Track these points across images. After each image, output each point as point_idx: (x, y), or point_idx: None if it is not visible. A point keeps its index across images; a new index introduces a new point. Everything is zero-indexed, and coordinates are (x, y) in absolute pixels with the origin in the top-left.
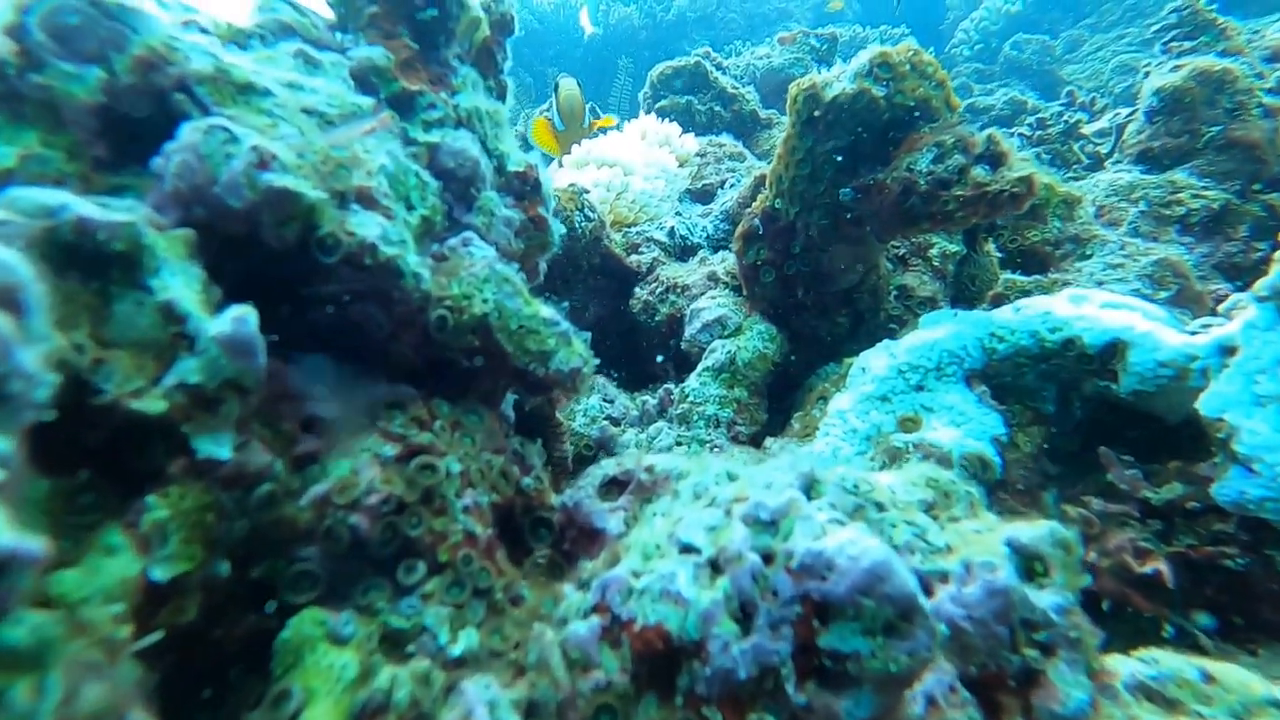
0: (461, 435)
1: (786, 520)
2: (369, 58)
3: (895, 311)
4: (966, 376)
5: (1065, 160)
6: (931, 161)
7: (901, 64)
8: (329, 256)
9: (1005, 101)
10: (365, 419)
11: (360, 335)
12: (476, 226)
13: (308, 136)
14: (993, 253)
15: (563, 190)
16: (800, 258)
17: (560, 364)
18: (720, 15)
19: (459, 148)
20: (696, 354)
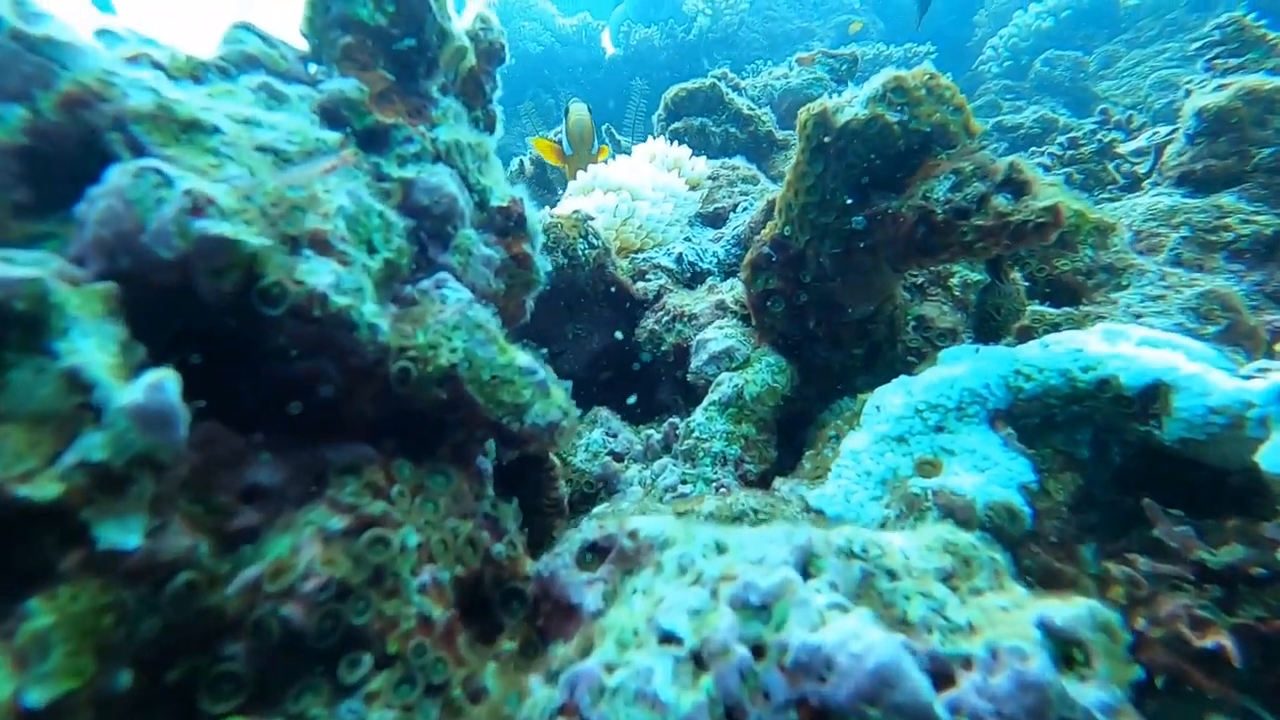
0: (424, 501)
1: (780, 604)
2: (340, 90)
3: (913, 343)
4: (990, 417)
5: (1100, 180)
6: (949, 189)
7: (917, 88)
8: (274, 308)
9: (1035, 119)
10: (315, 486)
11: (312, 392)
12: (452, 266)
13: (258, 177)
14: (1019, 282)
15: (565, 217)
16: (811, 287)
17: (537, 417)
18: (742, 35)
19: (435, 183)
20: (703, 387)
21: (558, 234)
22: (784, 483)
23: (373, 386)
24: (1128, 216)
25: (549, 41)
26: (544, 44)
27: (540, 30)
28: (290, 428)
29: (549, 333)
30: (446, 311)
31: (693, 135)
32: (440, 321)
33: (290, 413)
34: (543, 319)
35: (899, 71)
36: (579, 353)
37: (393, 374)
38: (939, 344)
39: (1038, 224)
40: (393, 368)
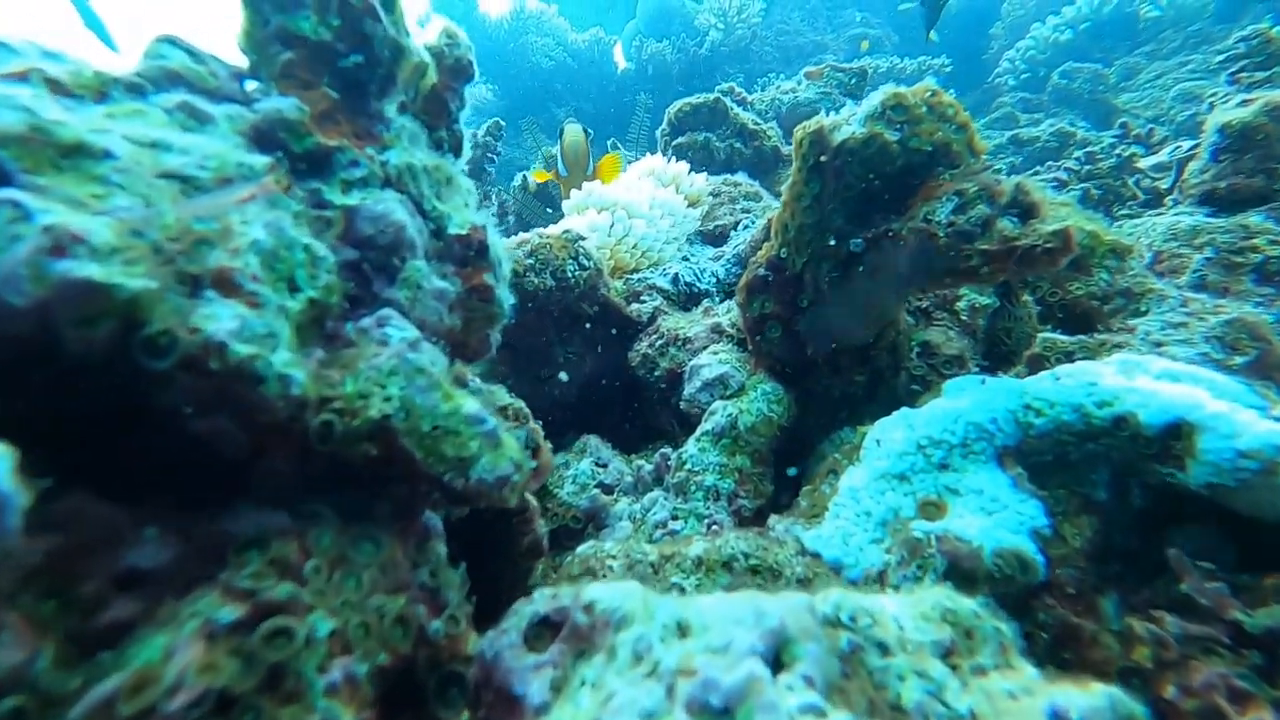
0: (345, 575)
1: (743, 708)
2: (277, 110)
3: (918, 371)
4: (998, 455)
5: (1119, 196)
6: (952, 212)
7: (917, 106)
8: (161, 361)
9: (1052, 133)
10: (212, 565)
11: (213, 455)
12: (399, 302)
13: (156, 207)
14: (1030, 305)
15: (555, 237)
16: (808, 312)
17: (484, 471)
18: (754, 49)
19: (381, 211)
20: (696, 415)
21: (546, 255)
22: (780, 521)
23: (288, 445)
24: (1147, 236)
25: (561, 56)
26: (556, 59)
27: (552, 45)
28: (187, 497)
29: (540, 356)
30: (383, 355)
31: (696, 150)
32: (374, 367)
33: (187, 479)
34: (533, 341)
35: (898, 88)
36: (572, 375)
37: (313, 429)
38: (945, 372)
39: (1046, 249)
40: (313, 422)
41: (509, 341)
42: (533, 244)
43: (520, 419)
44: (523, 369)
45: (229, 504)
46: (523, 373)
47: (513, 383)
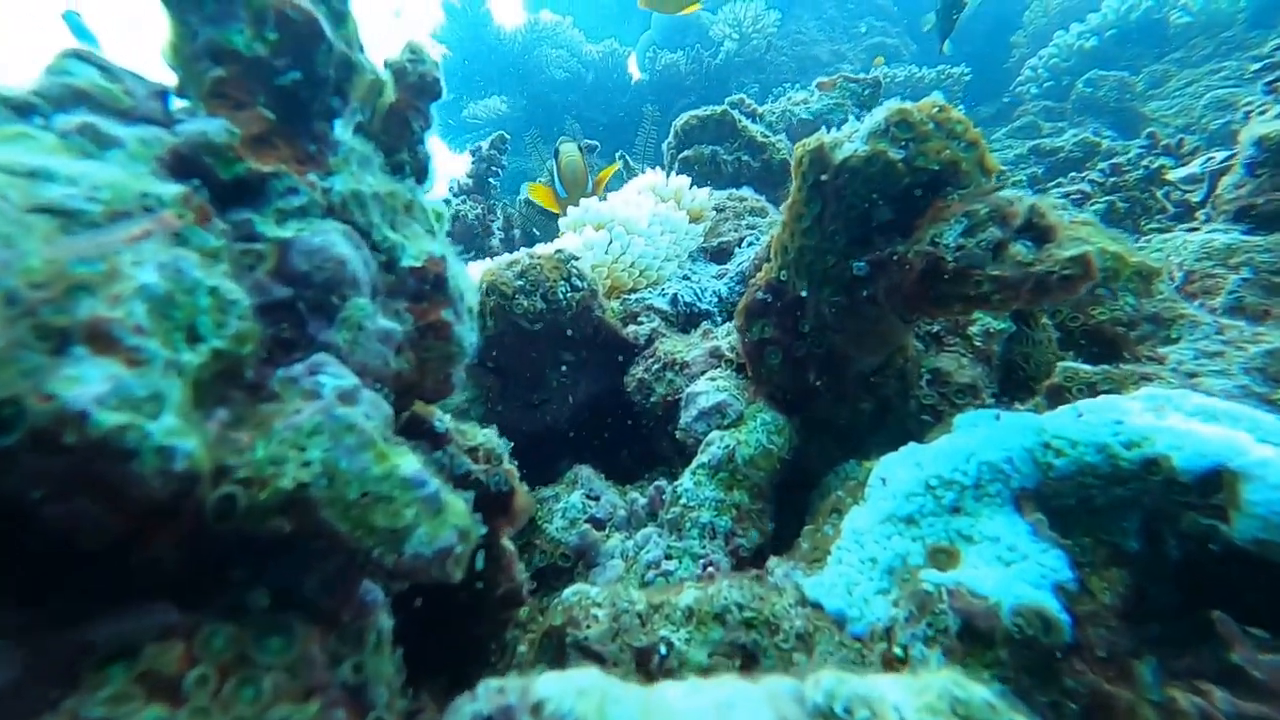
0: (241, 684)
1: None
2: (202, 133)
3: (928, 400)
4: (1015, 498)
5: (1147, 209)
6: (961, 234)
7: (923, 122)
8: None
9: (1075, 143)
10: (61, 688)
11: (74, 544)
12: (336, 345)
13: (19, 247)
14: (1049, 329)
15: (546, 258)
16: (810, 338)
17: (421, 545)
18: (770, 59)
19: (318, 245)
20: (693, 446)
21: (537, 276)
22: (779, 564)
23: (174, 527)
24: (1178, 254)
25: (575, 68)
26: (570, 70)
27: (566, 57)
28: (43, 598)
29: (531, 380)
30: (306, 411)
31: (703, 164)
32: (294, 426)
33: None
34: (524, 365)
35: (903, 104)
36: (564, 401)
37: (210, 506)
38: (957, 401)
39: (1064, 276)
40: (210, 497)
41: (499, 365)
42: (523, 264)
43: (492, 460)
44: (513, 394)
45: (102, 604)
46: (513, 398)
47: (503, 408)
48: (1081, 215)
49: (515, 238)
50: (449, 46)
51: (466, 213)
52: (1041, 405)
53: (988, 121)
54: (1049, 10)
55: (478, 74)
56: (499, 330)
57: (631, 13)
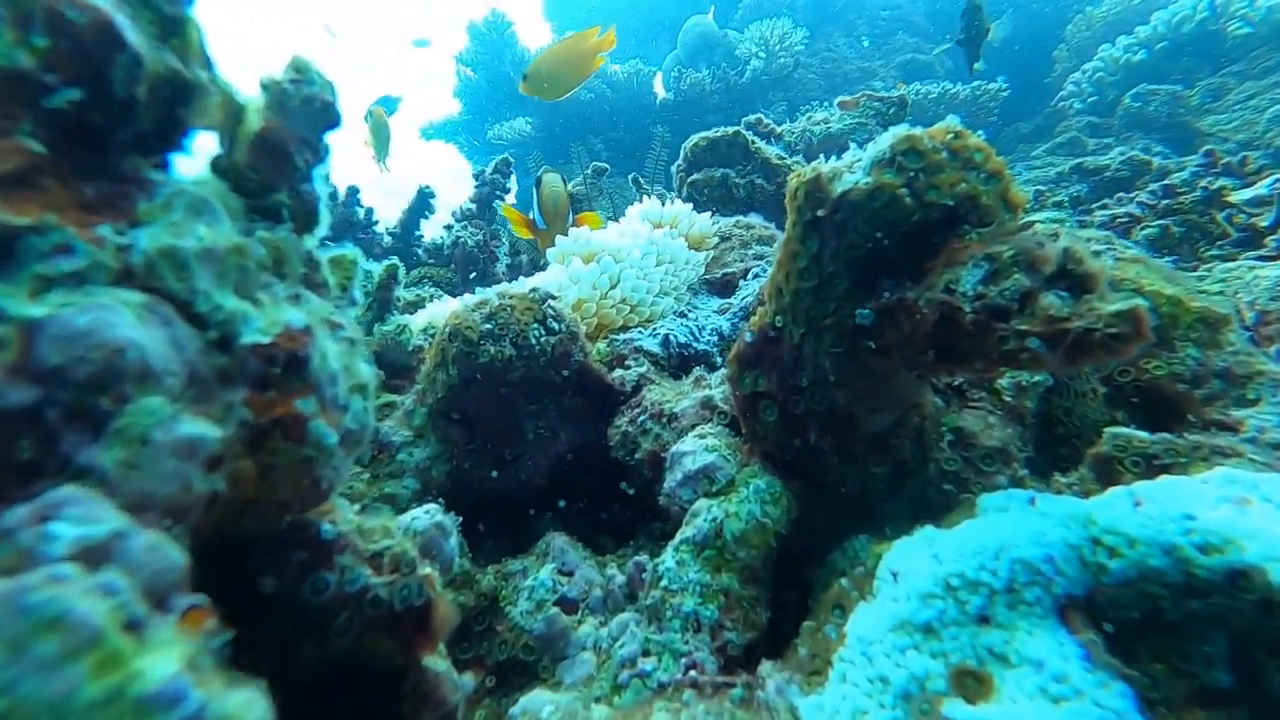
0: None
1: None
2: None
3: (951, 465)
4: (1060, 608)
5: (1207, 234)
6: (980, 281)
7: (935, 150)
8: None
9: (1122, 161)
10: None
11: None
12: (99, 469)
13: None
14: (1094, 380)
15: (519, 297)
16: (809, 393)
17: None
18: (798, 76)
19: (81, 326)
20: (678, 514)
21: (506, 319)
22: (773, 672)
23: None
24: (1247, 291)
25: (600, 88)
26: (595, 90)
27: (591, 77)
28: None
29: (502, 433)
30: None
31: (714, 187)
32: None
33: None
34: (494, 417)
35: (912, 130)
36: (541, 455)
37: None
38: (984, 468)
39: (1110, 336)
40: None
41: (466, 417)
42: (491, 306)
43: (402, 567)
44: (483, 449)
45: None
46: (483, 453)
47: (470, 465)
48: (1130, 250)
49: (522, 264)
50: (473, 69)
51: (467, 239)
52: (1087, 480)
53: (1028, 138)
54: (1093, 23)
55: (502, 95)
56: (463, 379)
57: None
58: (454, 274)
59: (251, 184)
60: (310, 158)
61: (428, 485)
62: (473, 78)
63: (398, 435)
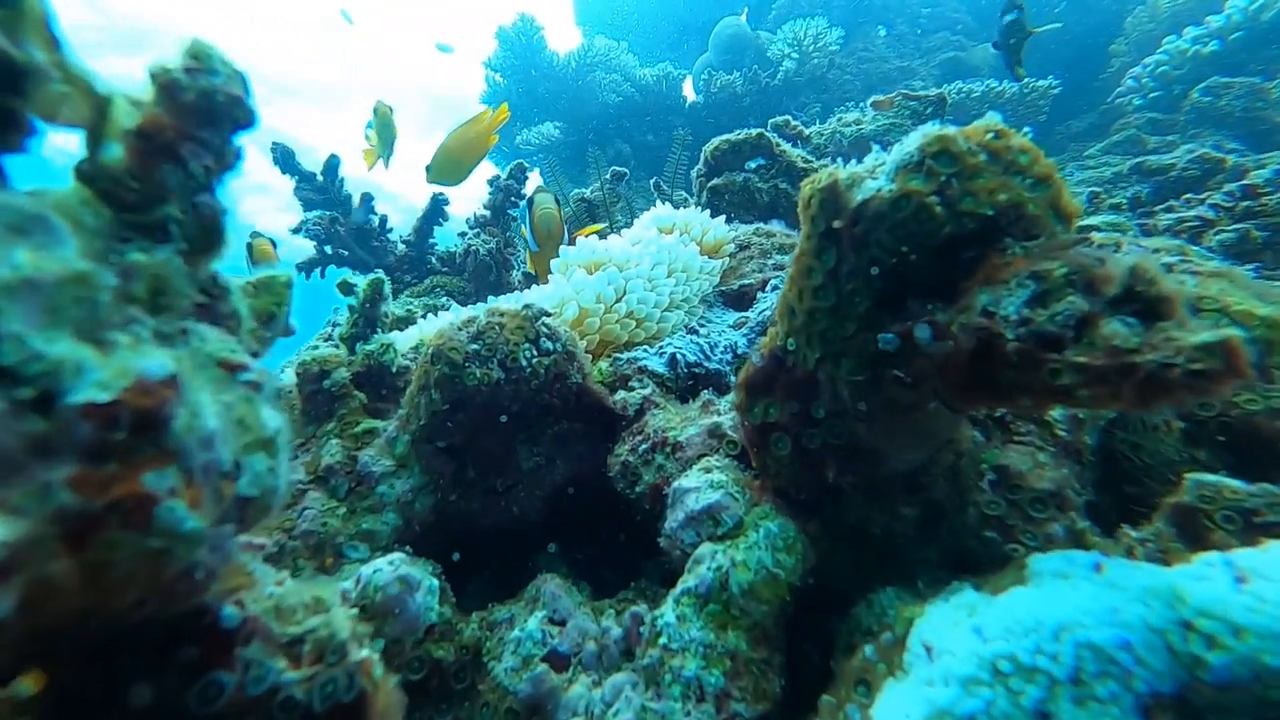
0: None
1: None
2: None
3: (993, 510)
4: (1144, 707)
5: None
6: (1026, 303)
7: (972, 153)
8: None
9: (1191, 159)
10: None
11: None
12: None
13: None
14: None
15: (511, 314)
16: (826, 426)
17: None
18: (832, 77)
19: None
20: (679, 559)
21: (494, 339)
22: None
23: None
24: None
25: (629, 91)
26: (623, 94)
27: (620, 81)
28: None
29: (492, 462)
30: None
31: (735, 192)
32: None
33: None
34: (482, 445)
35: (944, 129)
36: (537, 486)
37: None
38: (1034, 514)
39: (1194, 373)
40: None
41: (452, 446)
42: (479, 325)
43: (326, 656)
44: (472, 479)
45: None
46: (472, 484)
47: (458, 498)
48: (1209, 262)
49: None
50: (502, 74)
51: (479, 247)
52: (1166, 536)
53: (1081, 136)
54: (1157, 14)
55: (531, 100)
56: (448, 404)
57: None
58: (467, 283)
59: (130, 195)
60: (212, 164)
61: (410, 520)
62: (501, 83)
63: (378, 465)
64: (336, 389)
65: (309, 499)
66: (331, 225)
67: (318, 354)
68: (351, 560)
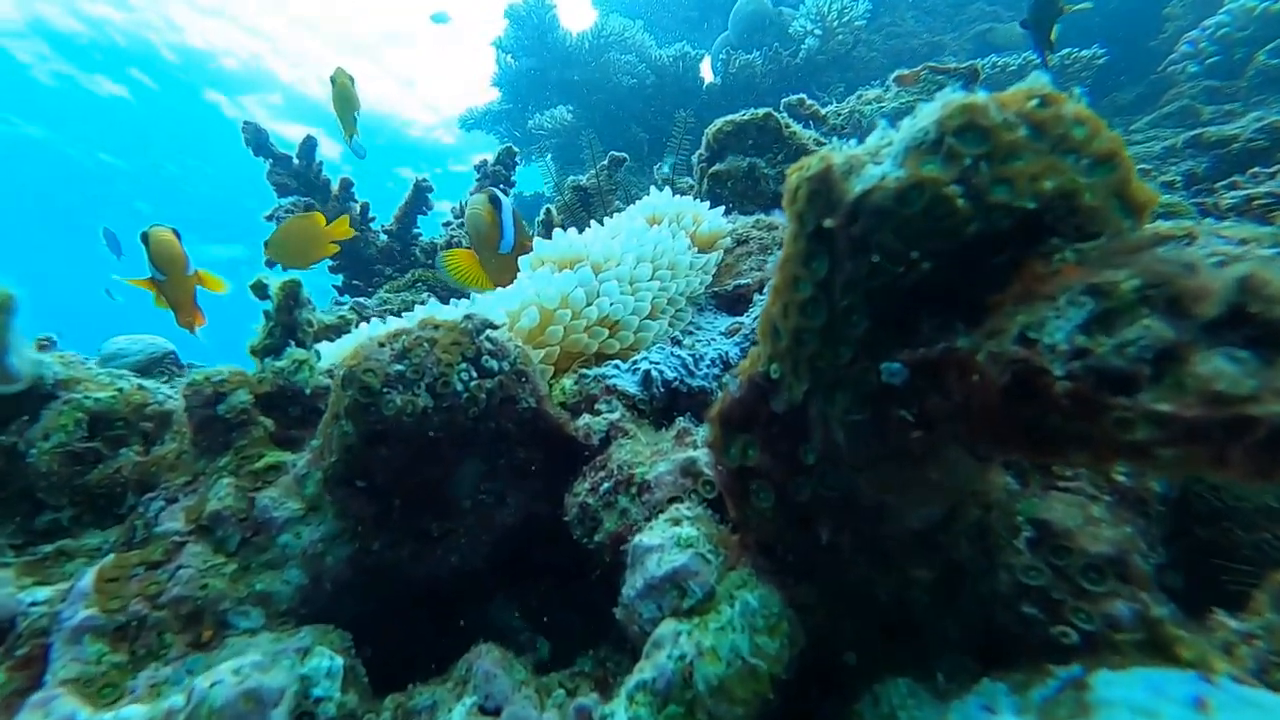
0: None
1: None
2: None
3: (1033, 579)
4: None
5: None
6: (1081, 328)
7: (1007, 126)
8: None
9: (1258, 129)
10: None
11: None
12: None
13: None
14: None
15: (447, 328)
16: (818, 474)
17: None
18: (858, 55)
19: None
20: (637, 636)
21: (422, 359)
22: None
23: None
24: None
25: (643, 73)
26: (639, 76)
27: (635, 62)
28: None
29: (430, 503)
30: None
31: (739, 180)
32: None
33: None
34: (418, 482)
35: (970, 96)
36: (482, 529)
37: None
38: (1088, 587)
39: None
40: None
41: (375, 485)
42: (405, 340)
43: None
44: (401, 524)
45: None
46: (401, 530)
47: (382, 547)
48: None
49: None
50: (513, 55)
51: (462, 239)
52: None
53: (1128, 109)
54: None
55: (543, 83)
56: (365, 437)
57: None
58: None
59: None
60: None
61: (319, 577)
62: (512, 64)
63: (282, 509)
64: (234, 415)
65: (186, 554)
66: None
67: (212, 372)
68: (239, 631)
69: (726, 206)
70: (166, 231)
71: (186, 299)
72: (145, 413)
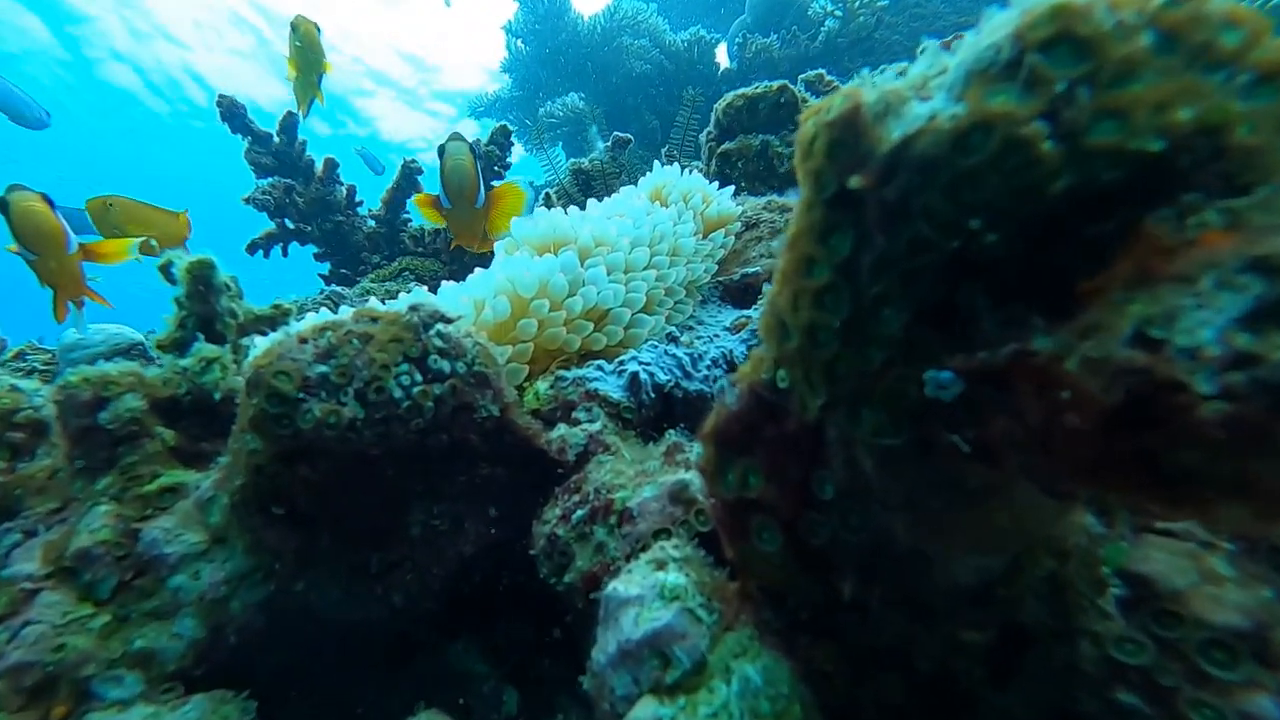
0: None
1: None
2: None
3: (1130, 656)
4: None
5: None
6: (1239, 323)
7: (1123, 32)
8: None
9: None
10: None
11: None
12: None
13: None
14: None
15: (386, 322)
16: (838, 512)
17: None
18: (880, 36)
19: None
20: (607, 716)
21: (350, 360)
22: None
23: None
24: None
25: (657, 58)
26: (652, 61)
27: (648, 47)
28: None
29: (369, 532)
30: None
31: (750, 159)
32: None
33: None
34: (352, 504)
35: None
36: (432, 562)
37: None
38: (1209, 669)
39: None
40: None
41: (298, 512)
42: (332, 337)
43: None
44: (333, 558)
45: None
46: (333, 564)
47: (308, 586)
48: None
49: None
50: (523, 40)
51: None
52: None
53: None
54: None
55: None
56: (279, 455)
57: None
58: (442, 266)
59: None
60: None
61: (222, 628)
62: (523, 50)
63: (176, 544)
64: (120, 425)
65: (38, 605)
66: (286, 195)
67: (94, 372)
68: (105, 704)
69: (736, 188)
70: (33, 199)
71: (69, 280)
72: (15, 420)
